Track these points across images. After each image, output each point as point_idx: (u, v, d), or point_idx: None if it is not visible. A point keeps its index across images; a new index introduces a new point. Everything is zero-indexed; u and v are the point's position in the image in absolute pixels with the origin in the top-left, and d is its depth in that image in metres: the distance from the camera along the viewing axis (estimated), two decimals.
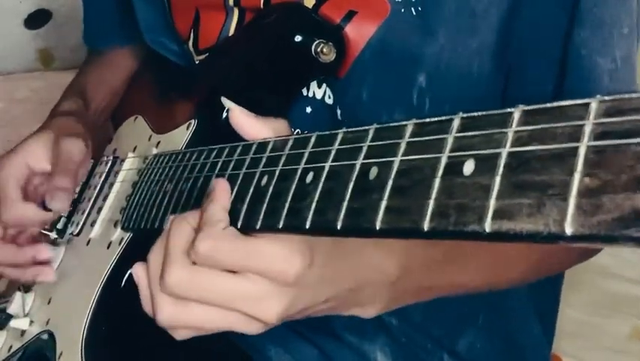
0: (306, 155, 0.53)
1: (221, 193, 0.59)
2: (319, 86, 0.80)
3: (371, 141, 0.47)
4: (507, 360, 0.92)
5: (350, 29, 0.75)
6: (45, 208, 0.89)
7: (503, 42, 0.74)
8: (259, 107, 0.80)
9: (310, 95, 0.81)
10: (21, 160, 0.90)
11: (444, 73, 0.75)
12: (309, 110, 0.81)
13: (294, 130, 0.81)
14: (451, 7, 0.73)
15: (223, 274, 0.56)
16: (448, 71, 0.75)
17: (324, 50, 0.73)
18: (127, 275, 0.76)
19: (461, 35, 0.74)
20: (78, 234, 0.92)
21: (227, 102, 0.66)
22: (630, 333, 1.33)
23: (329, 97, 0.80)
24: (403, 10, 0.74)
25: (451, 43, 0.74)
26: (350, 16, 0.75)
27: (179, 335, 0.61)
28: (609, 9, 0.70)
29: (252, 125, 0.62)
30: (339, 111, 0.79)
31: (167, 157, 0.77)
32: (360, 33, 0.75)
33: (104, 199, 0.91)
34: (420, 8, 0.73)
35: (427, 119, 0.43)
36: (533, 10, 0.73)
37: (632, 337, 1.33)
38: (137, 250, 0.74)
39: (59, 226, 0.94)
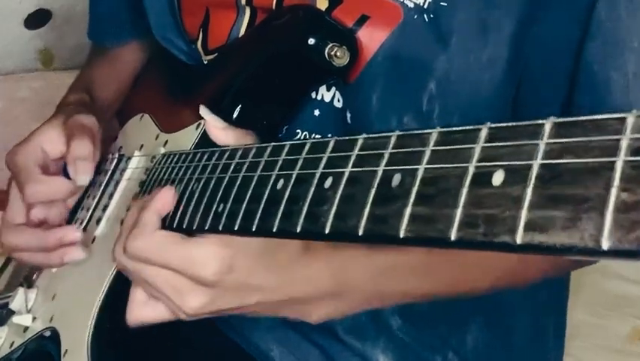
0: (324, 159, 0.53)
1: (161, 200, 0.68)
2: (328, 89, 0.80)
3: (393, 148, 0.47)
4: (513, 357, 0.93)
5: (362, 34, 0.75)
6: None
7: (515, 53, 0.74)
8: (268, 109, 0.80)
9: (319, 97, 0.81)
10: (36, 145, 0.89)
11: (454, 81, 0.75)
12: (317, 112, 0.81)
13: (303, 133, 0.81)
14: (463, 16, 0.73)
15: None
16: (459, 79, 0.75)
17: (338, 53, 0.73)
18: None
19: (472, 45, 0.74)
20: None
21: (204, 112, 0.75)
22: (630, 333, 1.33)
23: (338, 100, 0.80)
24: (415, 17, 0.74)
25: (462, 51, 0.74)
26: (363, 20, 0.75)
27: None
28: (621, 23, 0.71)
29: (219, 133, 0.72)
30: (348, 115, 0.79)
31: (177, 157, 0.77)
32: (372, 38, 0.75)
33: (110, 197, 0.91)
34: (432, 16, 0.73)
35: (453, 128, 0.43)
36: (547, 22, 0.73)
37: (632, 337, 1.33)
38: None
39: None
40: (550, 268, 0.81)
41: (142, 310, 0.70)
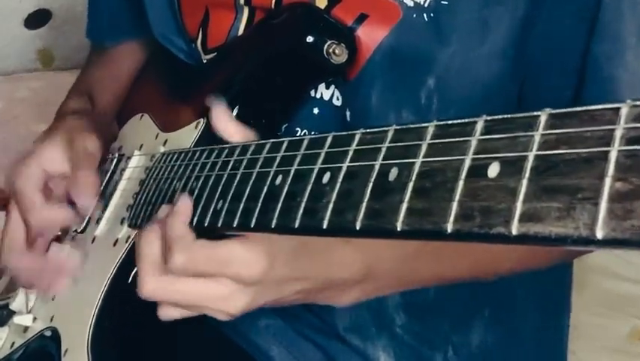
0: (322, 155, 0.53)
1: (184, 209, 0.66)
2: (327, 88, 0.80)
3: (390, 142, 0.47)
4: (516, 355, 0.93)
5: (361, 32, 0.76)
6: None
7: (517, 50, 0.74)
8: (267, 107, 0.80)
9: (318, 96, 0.81)
10: (36, 165, 0.89)
11: (453, 76, 0.75)
12: (316, 111, 0.81)
13: (302, 131, 0.81)
14: (464, 15, 0.74)
15: (193, 280, 0.64)
16: (458, 74, 0.75)
17: (337, 50, 0.73)
18: (134, 272, 0.76)
19: (472, 42, 0.74)
20: (82, 231, 0.92)
21: (212, 102, 0.74)
22: (630, 333, 1.33)
23: (337, 98, 0.80)
24: (415, 16, 0.74)
25: (461, 49, 0.74)
26: (362, 19, 0.76)
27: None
28: (624, 21, 0.71)
29: (226, 124, 0.71)
30: (348, 113, 0.79)
31: (176, 155, 0.77)
32: (371, 36, 0.75)
33: (110, 197, 0.91)
34: (432, 15, 0.74)
35: (449, 121, 0.43)
36: (550, 20, 0.73)
37: (632, 337, 1.33)
38: None
39: None
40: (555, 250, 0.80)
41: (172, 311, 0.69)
